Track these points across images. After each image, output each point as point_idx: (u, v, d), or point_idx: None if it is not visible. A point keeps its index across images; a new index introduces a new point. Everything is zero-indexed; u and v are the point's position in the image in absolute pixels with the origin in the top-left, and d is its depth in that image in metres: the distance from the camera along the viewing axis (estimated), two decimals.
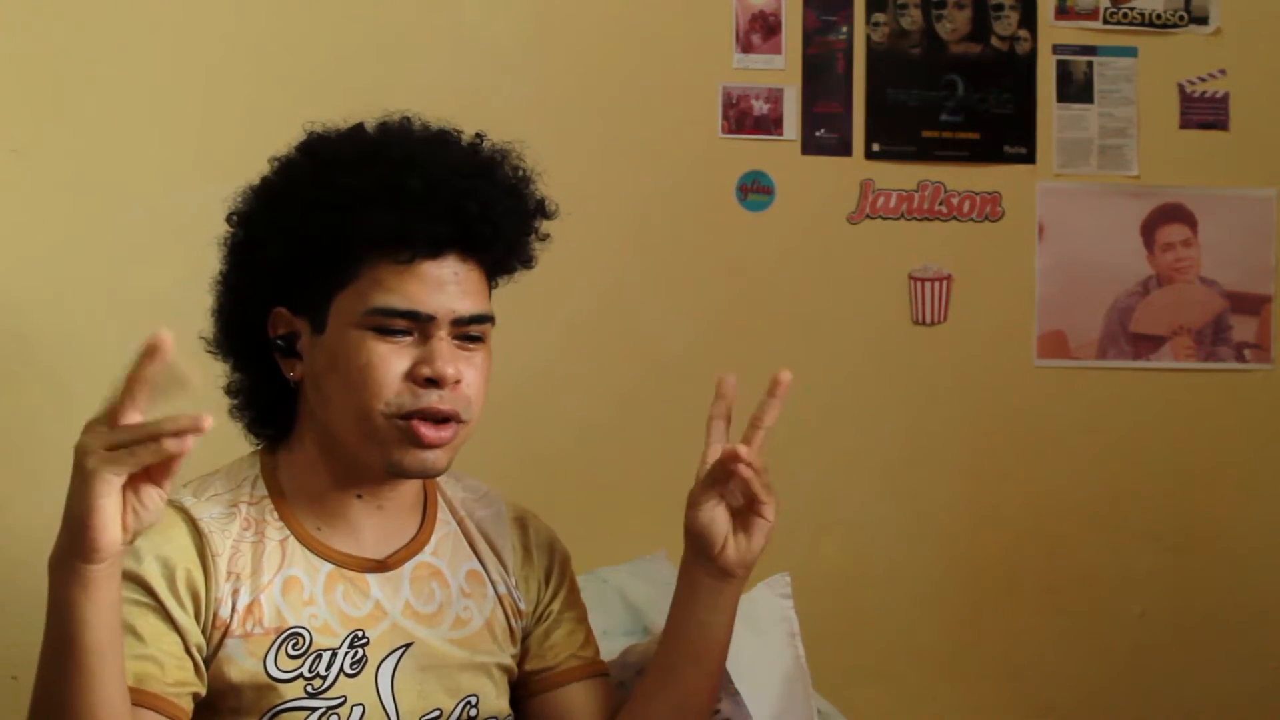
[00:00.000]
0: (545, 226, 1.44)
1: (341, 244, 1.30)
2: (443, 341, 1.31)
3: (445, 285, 1.31)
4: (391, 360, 1.30)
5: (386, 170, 1.31)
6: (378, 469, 1.35)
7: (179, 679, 1.28)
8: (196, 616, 1.30)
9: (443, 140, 1.39)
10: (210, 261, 1.44)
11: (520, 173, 1.41)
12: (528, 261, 1.44)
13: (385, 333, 1.30)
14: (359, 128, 1.40)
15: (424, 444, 1.31)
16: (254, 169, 1.41)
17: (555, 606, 1.49)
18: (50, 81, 2.07)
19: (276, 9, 2.15)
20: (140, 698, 1.24)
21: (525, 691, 1.48)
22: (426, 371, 1.30)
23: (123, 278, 2.08)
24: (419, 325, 1.31)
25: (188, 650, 1.29)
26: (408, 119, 1.40)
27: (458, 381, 1.32)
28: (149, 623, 1.28)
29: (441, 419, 1.31)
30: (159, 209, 2.08)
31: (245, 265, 1.39)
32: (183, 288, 1.87)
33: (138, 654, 1.26)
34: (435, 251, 1.31)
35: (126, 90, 2.09)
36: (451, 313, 1.31)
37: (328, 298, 1.32)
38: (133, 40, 2.10)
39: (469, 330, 1.34)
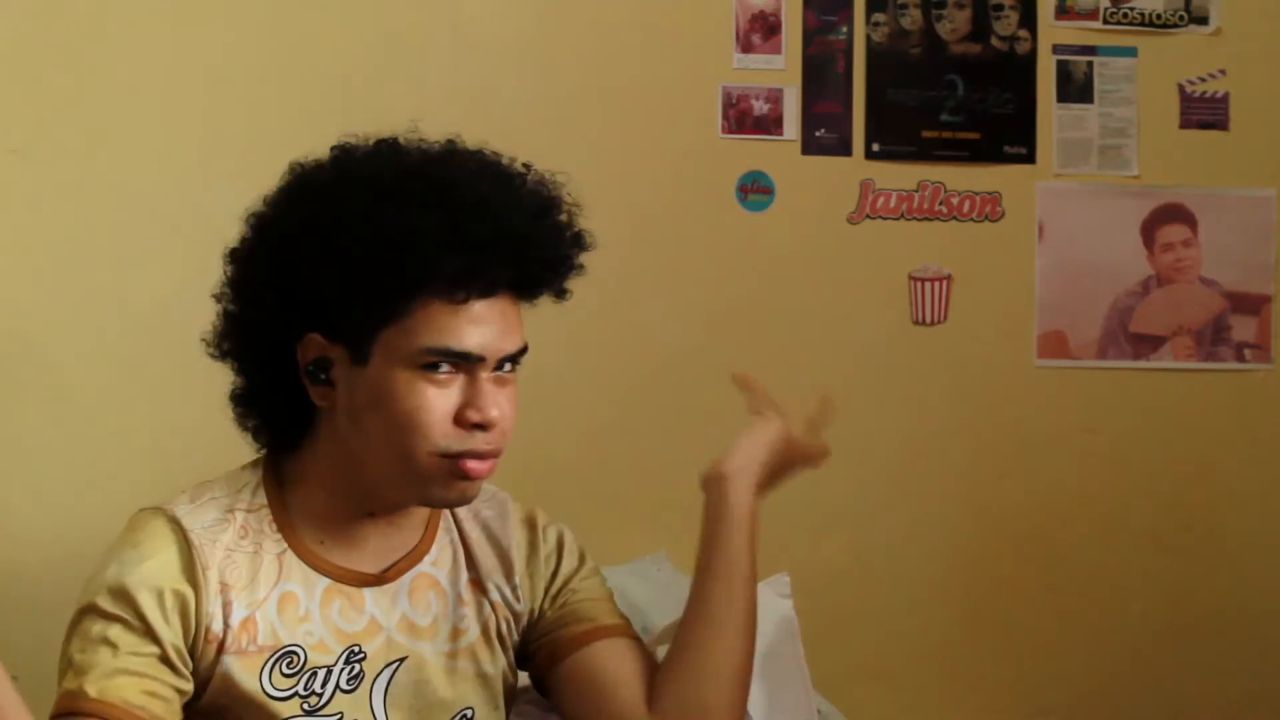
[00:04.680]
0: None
1: (399, 282, 1.28)
2: (488, 382, 1.30)
3: (492, 324, 1.30)
4: (439, 403, 1.28)
5: (456, 214, 1.28)
6: (408, 501, 1.35)
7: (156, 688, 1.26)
8: (185, 636, 1.28)
9: (506, 178, 1.36)
10: (211, 263, 1.39)
11: (573, 212, 1.40)
12: (563, 294, 1.42)
13: (433, 370, 1.28)
14: (400, 151, 1.35)
15: (469, 477, 1.31)
16: (254, 170, 1.37)
17: (569, 596, 1.47)
18: (50, 81, 2.07)
19: (278, 9, 2.15)
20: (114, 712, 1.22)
21: (552, 661, 1.43)
22: (476, 417, 1.29)
23: (123, 278, 2.08)
24: (467, 365, 1.30)
25: (165, 659, 1.27)
26: (452, 143, 1.37)
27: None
28: (128, 638, 1.25)
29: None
30: (160, 210, 2.08)
31: (277, 285, 1.33)
32: (183, 289, 1.86)
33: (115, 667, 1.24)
34: (490, 292, 1.30)
35: (127, 90, 2.09)
36: (500, 351, 1.31)
37: (374, 331, 1.29)
38: (133, 40, 2.09)
39: (508, 364, 1.33)
